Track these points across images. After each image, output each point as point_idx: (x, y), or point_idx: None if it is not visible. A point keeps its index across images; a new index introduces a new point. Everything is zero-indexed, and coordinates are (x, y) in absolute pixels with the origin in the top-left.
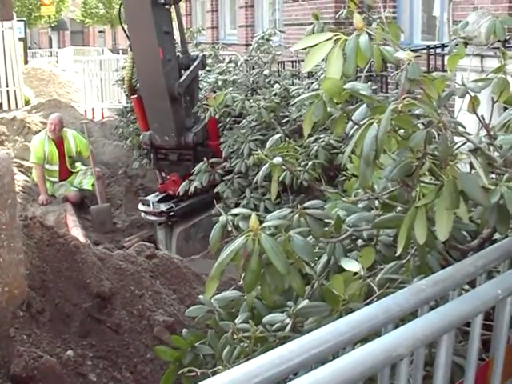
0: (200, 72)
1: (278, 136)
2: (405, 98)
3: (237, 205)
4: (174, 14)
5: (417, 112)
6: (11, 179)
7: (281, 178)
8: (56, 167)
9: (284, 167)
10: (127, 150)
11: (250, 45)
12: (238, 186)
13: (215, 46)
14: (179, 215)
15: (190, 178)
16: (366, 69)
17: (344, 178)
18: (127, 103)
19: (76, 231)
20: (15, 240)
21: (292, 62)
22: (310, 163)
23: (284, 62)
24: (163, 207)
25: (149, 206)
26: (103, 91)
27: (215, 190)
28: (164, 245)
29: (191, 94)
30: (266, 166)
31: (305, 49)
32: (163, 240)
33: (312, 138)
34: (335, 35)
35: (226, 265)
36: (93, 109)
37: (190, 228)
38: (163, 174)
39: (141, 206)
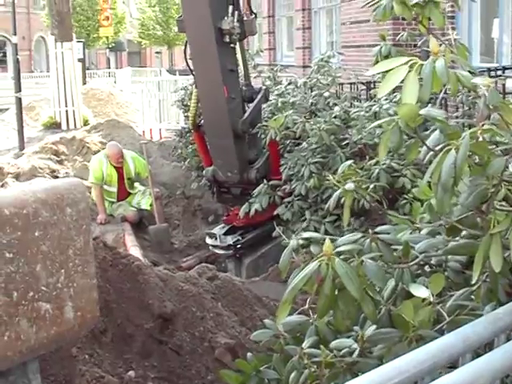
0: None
1: (348, 162)
2: (483, 125)
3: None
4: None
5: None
6: (86, 205)
7: (342, 201)
8: (114, 189)
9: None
10: (185, 170)
11: (307, 66)
12: (298, 208)
13: (273, 67)
14: (246, 247)
15: (250, 200)
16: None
17: (405, 201)
18: (185, 124)
19: (134, 251)
20: (89, 265)
21: (350, 84)
22: (372, 186)
23: (342, 84)
24: (230, 240)
25: (216, 239)
26: (161, 112)
27: (275, 212)
28: (234, 275)
29: (254, 127)
30: (338, 192)
31: (380, 73)
32: (233, 271)
33: (373, 161)
34: (410, 59)
35: (298, 290)
36: (151, 129)
37: (258, 259)
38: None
39: (208, 240)
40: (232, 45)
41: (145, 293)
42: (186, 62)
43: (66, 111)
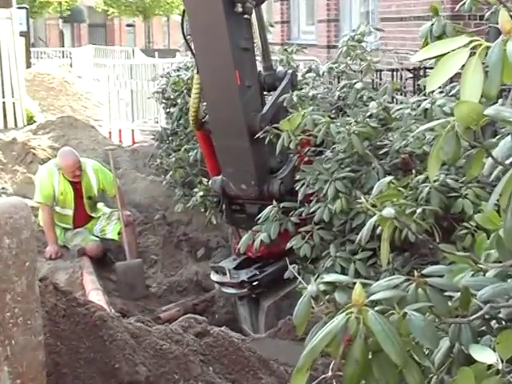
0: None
1: (388, 179)
2: None
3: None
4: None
5: None
6: (30, 235)
7: (378, 231)
8: (70, 211)
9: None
10: (166, 187)
11: (334, 47)
12: (320, 240)
13: (287, 48)
14: (265, 284)
15: (255, 228)
16: None
17: (465, 231)
18: (167, 124)
19: (96, 296)
20: (33, 316)
21: (392, 71)
22: (419, 210)
23: (381, 71)
24: (244, 276)
25: (224, 274)
26: (134, 107)
27: (288, 246)
28: (249, 323)
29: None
30: (374, 219)
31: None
32: (247, 317)
33: (421, 177)
34: (473, 40)
35: (319, 352)
36: (120, 130)
37: (281, 300)
38: (240, 231)
39: (213, 276)
40: (246, 16)
41: (110, 353)
42: (185, 40)
43: (3, 103)
